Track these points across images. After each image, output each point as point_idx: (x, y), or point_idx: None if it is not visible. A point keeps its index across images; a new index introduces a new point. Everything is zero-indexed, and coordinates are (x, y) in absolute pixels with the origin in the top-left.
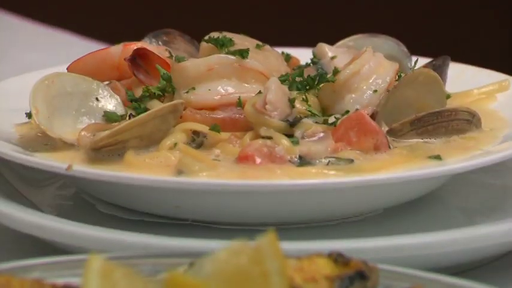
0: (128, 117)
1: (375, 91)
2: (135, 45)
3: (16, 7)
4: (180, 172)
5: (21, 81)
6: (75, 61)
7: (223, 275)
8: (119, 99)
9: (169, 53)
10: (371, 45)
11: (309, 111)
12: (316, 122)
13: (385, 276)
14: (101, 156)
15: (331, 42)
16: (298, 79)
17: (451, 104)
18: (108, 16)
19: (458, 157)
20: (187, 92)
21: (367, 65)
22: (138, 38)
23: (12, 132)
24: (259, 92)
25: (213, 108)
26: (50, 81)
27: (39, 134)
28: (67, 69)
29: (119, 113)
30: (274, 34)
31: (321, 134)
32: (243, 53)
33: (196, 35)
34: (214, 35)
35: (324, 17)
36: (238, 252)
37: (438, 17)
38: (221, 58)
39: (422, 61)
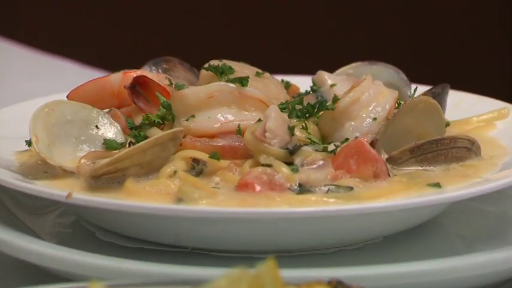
0: (127, 145)
1: (375, 119)
2: (134, 73)
3: (15, 34)
4: (179, 200)
5: (21, 109)
6: (75, 89)
7: None
8: (118, 127)
9: (169, 80)
10: (370, 73)
11: (308, 139)
12: (315, 150)
13: None
14: (100, 184)
15: (331, 70)
16: (297, 107)
17: (450, 131)
18: (108, 44)
19: (458, 185)
20: (187, 120)
21: (367, 92)
22: (138, 66)
23: (12, 159)
24: (259, 120)
25: (212, 136)
26: (50, 109)
27: (39, 162)
28: (67, 97)
29: (118, 141)
30: (274, 62)
31: (321, 162)
32: (242, 81)
33: (196, 63)
34: (214, 62)
35: (323, 45)
36: (238, 279)
37: (437, 45)
38: (221, 86)
39: (422, 89)
